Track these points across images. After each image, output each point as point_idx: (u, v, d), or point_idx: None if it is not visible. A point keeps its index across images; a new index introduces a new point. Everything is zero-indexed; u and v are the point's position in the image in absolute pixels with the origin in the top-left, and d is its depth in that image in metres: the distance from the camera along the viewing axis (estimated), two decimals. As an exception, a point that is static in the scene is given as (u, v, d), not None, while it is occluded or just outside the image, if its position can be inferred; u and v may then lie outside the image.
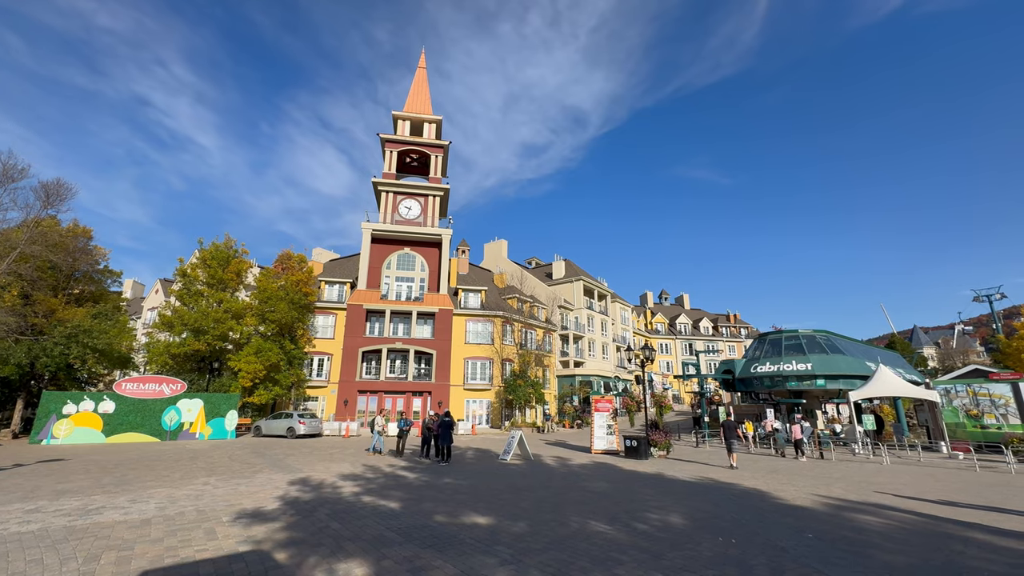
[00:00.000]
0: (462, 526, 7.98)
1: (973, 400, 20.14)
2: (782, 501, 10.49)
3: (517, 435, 18.20)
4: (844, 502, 10.39)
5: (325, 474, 13.60)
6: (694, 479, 13.59)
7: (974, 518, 8.87)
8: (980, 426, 19.76)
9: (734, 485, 12.59)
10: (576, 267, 55.96)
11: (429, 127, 42.26)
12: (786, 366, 25.70)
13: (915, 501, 10.46)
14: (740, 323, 72.54)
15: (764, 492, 11.61)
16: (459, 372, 36.22)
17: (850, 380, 24.50)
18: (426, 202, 39.92)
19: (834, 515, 9.17)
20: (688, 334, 68.04)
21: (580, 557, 6.38)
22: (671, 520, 8.58)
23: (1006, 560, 6.44)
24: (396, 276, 38.43)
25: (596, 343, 50.56)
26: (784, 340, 27.46)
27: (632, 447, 18.43)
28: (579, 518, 8.62)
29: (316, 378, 34.21)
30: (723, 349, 66.92)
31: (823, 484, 12.72)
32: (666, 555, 6.51)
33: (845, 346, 27.09)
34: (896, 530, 8.01)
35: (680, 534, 7.63)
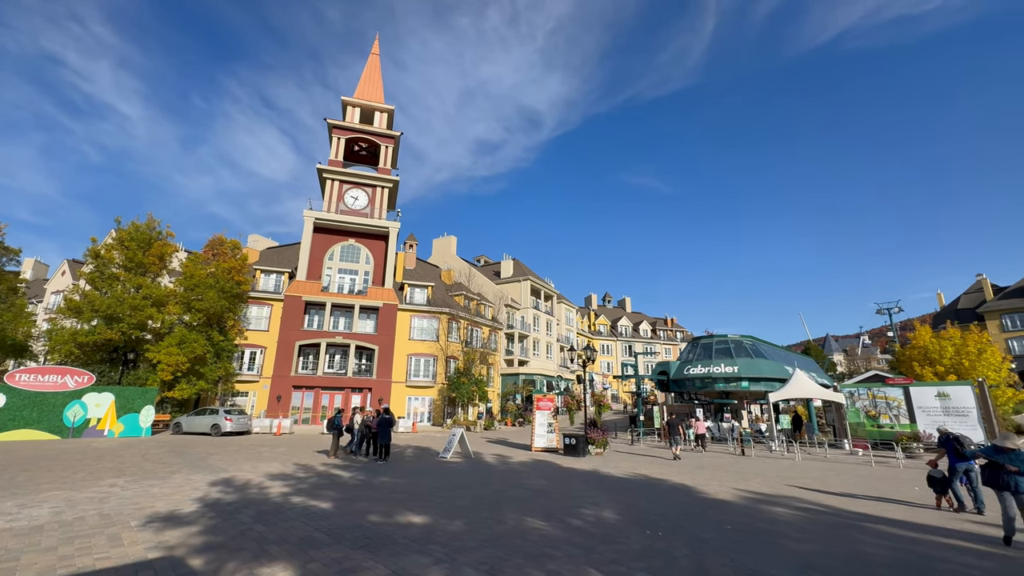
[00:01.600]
0: (397, 526, 7.82)
1: (872, 402, 22.42)
2: (706, 495, 11.14)
3: (458, 433, 18.11)
4: (760, 495, 11.20)
5: (252, 474, 12.85)
6: (628, 475, 14.13)
7: (868, 509, 9.85)
8: (877, 425, 22.03)
9: (663, 481, 13.22)
10: (524, 267, 56.50)
11: (380, 116, 41.02)
12: (715, 368, 27.34)
13: (820, 494, 11.47)
14: (676, 327, 76.30)
15: (690, 487, 12.27)
16: (402, 368, 35.48)
17: (771, 383, 26.46)
18: (374, 193, 38.72)
19: (751, 507, 9.86)
20: (628, 336, 70.66)
21: (515, 554, 6.44)
22: (604, 515, 8.87)
23: (892, 544, 7.21)
24: (339, 268, 37.00)
25: (541, 343, 51.31)
26: (715, 344, 29.19)
27: (571, 445, 18.87)
28: (516, 515, 8.70)
29: (247, 372, 32.25)
30: (660, 351, 70.09)
31: (743, 479, 13.64)
32: (597, 549, 6.71)
33: (768, 351, 29.22)
34: (804, 521, 8.75)
35: (612, 529, 7.90)
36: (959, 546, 7.20)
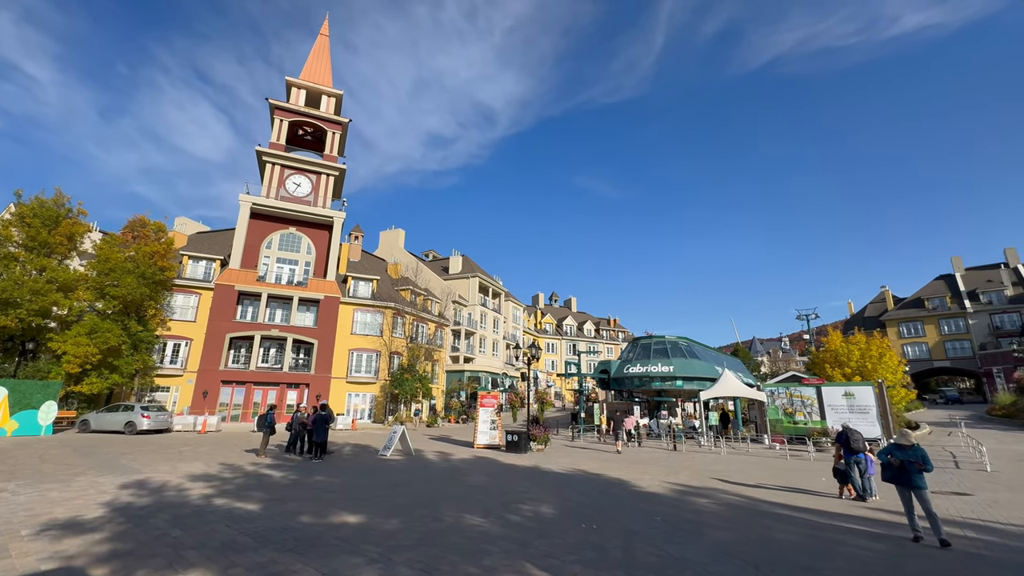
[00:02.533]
0: (329, 526, 7.55)
1: (789, 400, 24.34)
2: (639, 489, 11.64)
3: (399, 430, 17.76)
4: (688, 488, 11.85)
5: (171, 475, 11.93)
6: (567, 471, 14.47)
7: (781, 498, 10.69)
8: (793, 422, 23.95)
9: (600, 475, 13.66)
10: (473, 264, 56.31)
11: (328, 100, 39.28)
12: (653, 368, 28.59)
13: (741, 485, 12.31)
14: (619, 327, 79.02)
15: (625, 481, 12.76)
16: (342, 364, 34.26)
17: (702, 382, 28.05)
18: (318, 180, 37.04)
19: (679, 499, 10.41)
20: (573, 335, 72.33)
21: (451, 551, 6.41)
22: (542, 510, 9.03)
23: (800, 530, 7.87)
24: (278, 257, 35.10)
25: (487, 340, 51.38)
26: (653, 345, 30.52)
27: (513, 442, 19.05)
28: (454, 512, 8.67)
29: (169, 365, 29.86)
30: (602, 350, 72.31)
31: (673, 473, 14.37)
32: (533, 544, 6.83)
33: (701, 352, 30.95)
34: (726, 510, 9.35)
35: (549, 523, 8.06)
36: (857, 530, 7.99)
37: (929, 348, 54.06)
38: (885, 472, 7.81)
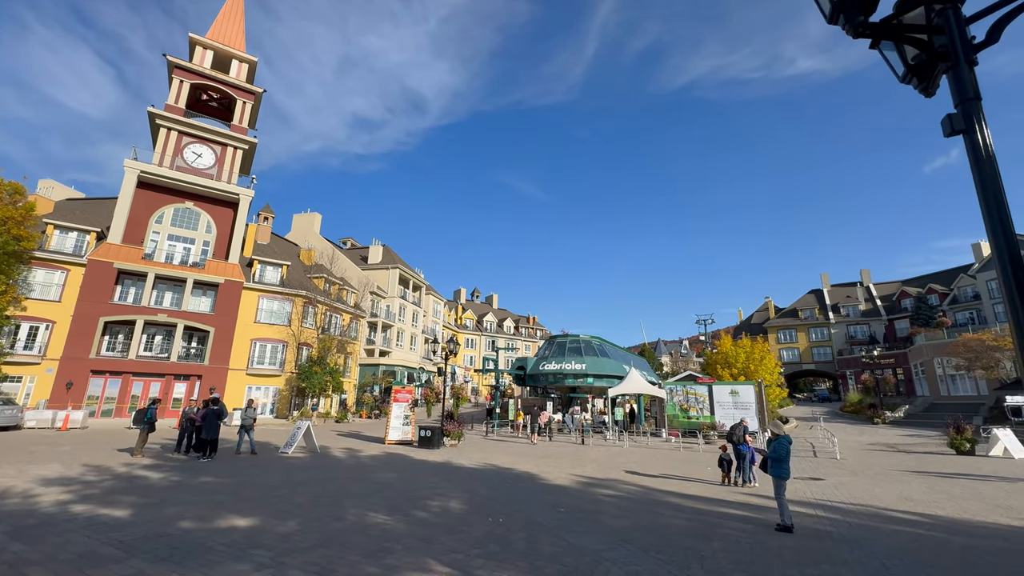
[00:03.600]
0: (215, 531, 6.92)
1: (685, 397, 26.63)
2: (547, 482, 12.05)
3: (304, 426, 16.76)
4: (592, 480, 12.49)
5: (15, 479, 10.21)
6: (478, 466, 14.58)
7: (673, 487, 11.65)
8: (687, 417, 26.23)
9: (511, 470, 13.94)
10: (394, 254, 54.64)
11: (239, 66, 35.83)
12: (567, 365, 29.75)
13: (640, 476, 13.22)
14: (538, 325, 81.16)
15: (534, 475, 13.14)
16: (243, 354, 31.55)
17: (611, 379, 29.72)
18: (223, 152, 33.68)
19: (583, 491, 10.93)
20: (493, 331, 73.01)
21: (351, 551, 6.17)
22: (450, 505, 9.01)
23: (687, 516, 8.63)
24: (170, 234, 31.40)
25: (405, 333, 50.17)
26: (568, 343, 31.74)
27: (426, 437, 18.81)
28: (358, 511, 8.36)
29: (24, 352, 25.50)
30: (521, 348, 73.82)
31: (580, 465, 15.06)
32: (439, 539, 6.79)
33: (611, 351, 32.75)
34: (623, 500, 9.98)
35: (457, 518, 8.06)
36: (734, 514, 8.93)
37: (800, 353, 61.91)
38: (763, 462, 8.82)
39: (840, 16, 3.00)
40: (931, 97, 3.33)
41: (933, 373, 41.08)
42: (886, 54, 3.53)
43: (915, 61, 3.25)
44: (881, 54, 3.56)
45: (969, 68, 2.79)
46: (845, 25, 2.99)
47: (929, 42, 3.05)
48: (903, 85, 3.53)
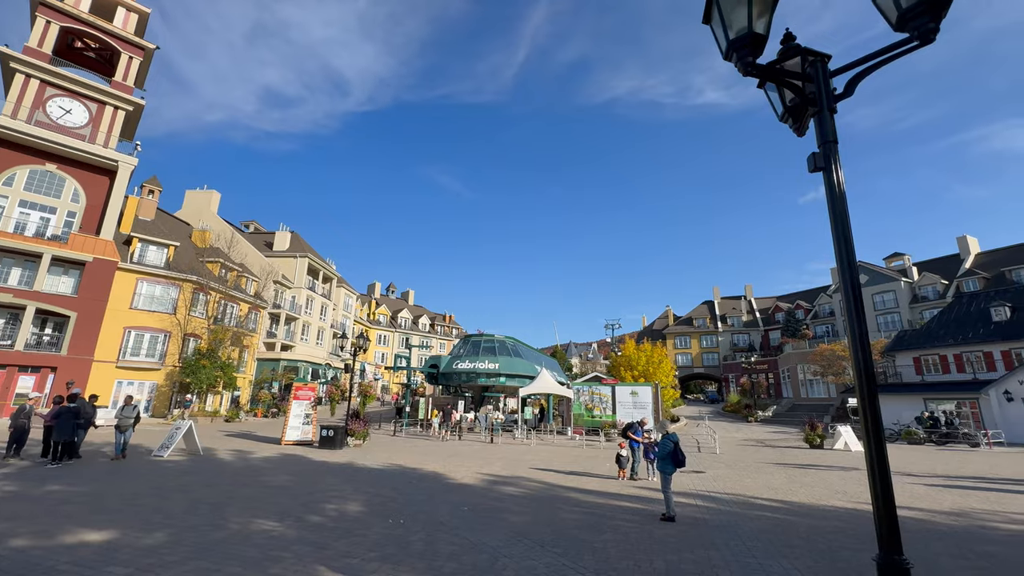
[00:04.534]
0: (58, 548, 5.95)
1: (591, 398, 28.04)
2: (452, 481, 11.98)
3: (185, 426, 15.05)
4: (498, 477, 12.65)
5: None
6: (383, 466, 14.11)
7: (574, 482, 12.17)
8: (591, 416, 27.62)
9: (417, 469, 13.67)
10: (304, 242, 51.17)
11: (126, 15, 31.33)
12: (480, 364, 29.89)
13: (544, 472, 13.64)
14: (453, 324, 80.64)
15: (440, 474, 13.01)
16: (113, 344, 27.57)
17: (523, 379, 30.38)
18: (100, 111, 29.22)
19: (488, 489, 11.03)
20: (407, 328, 71.24)
21: (231, 562, 5.64)
22: (348, 508, 8.60)
23: (583, 510, 9.06)
24: (23, 199, 26.55)
25: (312, 327, 47.17)
26: (483, 342, 31.92)
27: (327, 437, 17.82)
28: (243, 518, 7.67)
29: None
30: (436, 346, 72.84)
31: (487, 464, 15.19)
32: (332, 545, 6.45)
33: (524, 352, 33.49)
34: (526, 497, 10.23)
35: (354, 521, 7.72)
36: (625, 506, 9.53)
37: (692, 357, 68.02)
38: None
39: (734, 54, 3.32)
40: (802, 136, 3.82)
41: (796, 378, 47.26)
42: (769, 94, 3.99)
43: (791, 103, 3.70)
44: (766, 94, 4.01)
45: (830, 114, 3.23)
46: (737, 62, 3.31)
47: (802, 88, 3.49)
48: (782, 124, 4.01)
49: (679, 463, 8.66)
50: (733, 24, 3.27)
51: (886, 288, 50.38)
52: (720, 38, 3.39)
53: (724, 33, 3.34)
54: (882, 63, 3.10)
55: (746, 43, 3.22)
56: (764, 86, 3.97)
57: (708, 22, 3.46)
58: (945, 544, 7.21)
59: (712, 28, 3.45)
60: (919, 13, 2.90)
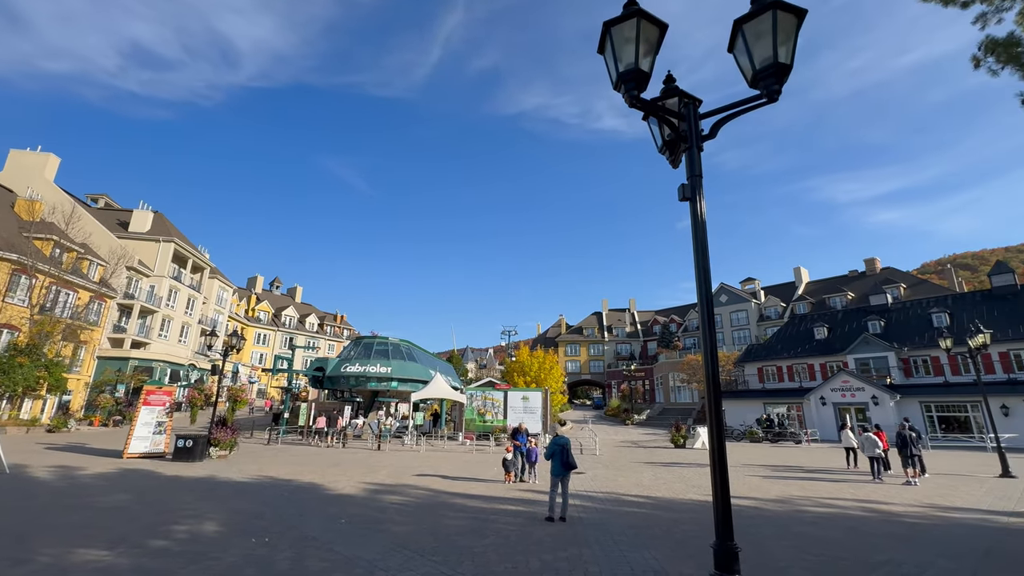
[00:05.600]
0: None
1: (484, 403, 28.31)
2: (332, 492, 11.23)
3: (-15, 438, 12.18)
4: (383, 486, 12.14)
5: None
6: (251, 479, 12.76)
7: (461, 488, 12.13)
8: (483, 421, 27.88)
9: (291, 481, 12.59)
10: (170, 226, 44.78)
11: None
12: (372, 368, 28.59)
13: (432, 478, 13.39)
14: (345, 324, 76.24)
15: (319, 485, 12.12)
16: None
17: (416, 384, 29.68)
18: None
19: (371, 499, 10.53)
20: (292, 327, 65.78)
21: (35, 603, 4.65)
22: (204, 529, 7.62)
23: (468, 515, 9.05)
24: None
25: (174, 322, 41.31)
26: (375, 345, 30.61)
27: (184, 448, 15.67)
28: (59, 548, 6.39)
29: None
30: (323, 347, 68.19)
31: (372, 472, 14.51)
32: (177, 572, 5.64)
33: (419, 356, 32.79)
34: (410, 505, 9.95)
35: (209, 543, 6.84)
36: (509, 509, 9.72)
37: (581, 365, 72.20)
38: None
39: (622, 86, 3.61)
40: (676, 168, 4.26)
41: (668, 384, 52.47)
42: (652, 127, 4.41)
43: (669, 137, 4.12)
44: (649, 126, 4.42)
45: (698, 152, 3.65)
46: (625, 94, 3.60)
47: (677, 126, 3.90)
48: (660, 155, 4.45)
49: (568, 466, 9.08)
50: (622, 58, 3.56)
51: (740, 308, 58.39)
52: (611, 69, 3.67)
53: (615, 65, 3.63)
54: (738, 113, 3.60)
55: (632, 77, 3.52)
56: (648, 119, 4.38)
57: (602, 52, 3.72)
58: (771, 527, 8.48)
59: (605, 59, 3.72)
60: (767, 75, 3.41)
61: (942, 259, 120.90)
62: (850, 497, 11.56)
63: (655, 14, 3.52)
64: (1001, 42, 6.68)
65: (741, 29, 3.47)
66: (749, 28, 3.42)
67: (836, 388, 32.77)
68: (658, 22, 3.53)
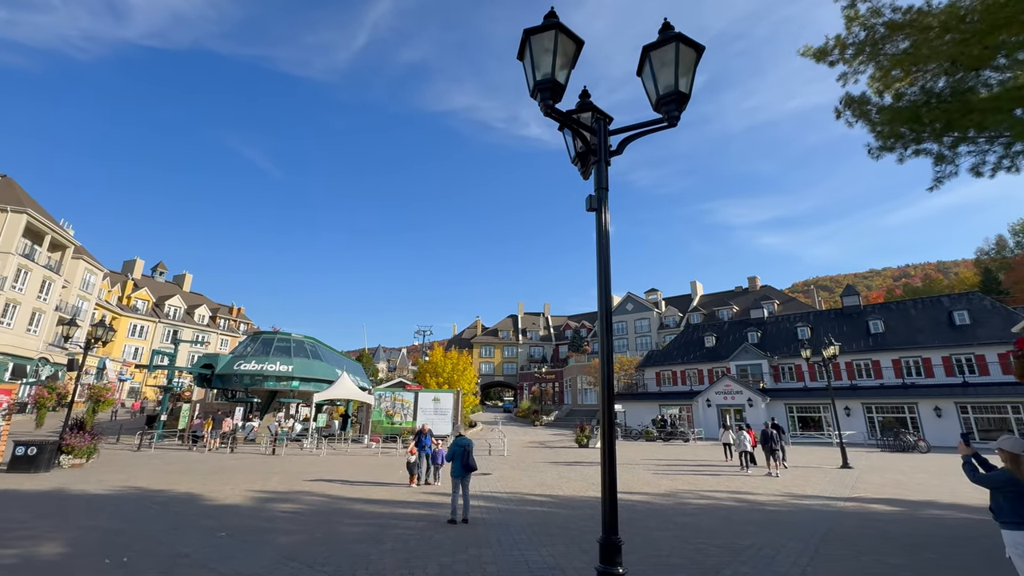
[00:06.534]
0: None
1: (393, 404, 27.44)
2: (213, 502, 10.17)
3: None
4: (274, 494, 11.24)
5: None
6: (113, 491, 11.15)
7: (361, 493, 11.60)
8: (391, 423, 27.01)
9: (164, 492, 11.21)
10: (22, 192, 37.84)
11: None
12: (270, 366, 26.41)
13: (329, 484, 12.65)
14: (243, 318, 69.78)
15: (198, 495, 10.92)
16: None
17: (321, 384, 27.93)
18: None
19: (259, 508, 9.69)
20: (179, 319, 58.79)
21: None
22: (41, 551, 6.49)
23: (366, 521, 8.68)
24: None
25: (21, 307, 34.92)
26: (276, 341, 28.34)
27: (25, 456, 13.27)
28: None
29: None
30: (215, 343, 61.84)
31: (263, 479, 13.37)
32: (1, 604, 4.74)
33: (325, 354, 30.93)
34: (303, 513, 9.32)
35: (45, 567, 5.84)
36: (412, 513, 9.48)
37: (495, 366, 72.94)
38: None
39: (538, 94, 3.69)
40: (587, 180, 4.44)
41: (576, 387, 54.77)
42: (567, 138, 4.57)
43: (581, 150, 4.30)
44: (564, 138, 4.58)
45: (605, 166, 3.84)
46: (540, 102, 3.69)
47: (589, 140, 4.07)
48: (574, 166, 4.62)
49: (468, 467, 9.06)
50: (540, 67, 3.65)
51: (644, 316, 62.79)
52: (529, 77, 3.74)
53: (533, 73, 3.71)
54: (642, 133, 3.85)
55: (548, 87, 3.62)
56: (563, 131, 4.54)
57: (521, 59, 3.79)
58: (658, 519, 9.17)
59: (524, 66, 3.79)
60: (669, 102, 3.69)
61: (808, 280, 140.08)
62: (725, 489, 12.88)
63: (575, 31, 3.67)
64: (856, 99, 7.85)
65: (649, 56, 3.72)
66: (656, 56, 3.69)
67: (720, 391, 36.43)
68: (575, 38, 3.67)
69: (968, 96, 5.46)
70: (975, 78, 5.56)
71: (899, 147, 6.78)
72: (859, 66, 7.85)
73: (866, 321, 37.53)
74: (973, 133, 5.41)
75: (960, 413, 28.47)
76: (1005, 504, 4.35)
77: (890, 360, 34.31)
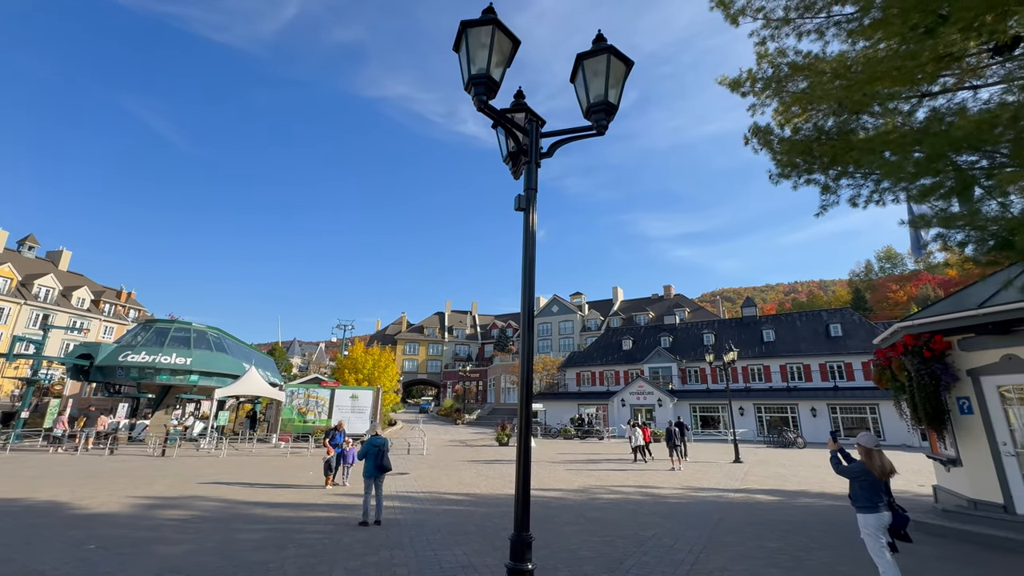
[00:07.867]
0: None
1: (306, 401, 25.92)
2: (83, 511, 8.93)
3: None
4: (160, 500, 10.12)
5: None
6: (-53, 501, 9.40)
7: (264, 496, 10.80)
8: (304, 421, 25.49)
9: (20, 500, 9.66)
10: None
11: None
12: (164, 358, 23.78)
13: (227, 488, 11.63)
14: (133, 303, 62.24)
15: (64, 503, 9.54)
16: None
17: (224, 378, 25.62)
18: None
19: (141, 516, 8.68)
20: (52, 302, 51.09)
21: None
22: None
23: (268, 526, 8.08)
24: None
25: None
26: (173, 331, 25.61)
27: None
28: None
29: None
30: (97, 330, 54.58)
31: (147, 484, 12.00)
32: None
33: (232, 346, 28.46)
34: (195, 520, 8.48)
35: None
36: (321, 516, 8.99)
37: (419, 364, 71.59)
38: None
39: (472, 88, 3.65)
40: (517, 180, 4.46)
41: (500, 386, 55.25)
42: (500, 137, 4.56)
43: (513, 149, 4.31)
44: (497, 136, 4.57)
45: (535, 167, 3.88)
46: (474, 97, 3.65)
47: (521, 140, 4.10)
48: (505, 165, 4.63)
49: (382, 468, 8.76)
50: (475, 61, 3.60)
51: (568, 318, 64.91)
52: (464, 70, 3.69)
53: (468, 67, 3.65)
54: (572, 139, 3.94)
55: (482, 82, 3.59)
56: (497, 129, 4.53)
57: (457, 51, 3.72)
58: (570, 514, 9.49)
59: (460, 58, 3.73)
60: (598, 111, 3.81)
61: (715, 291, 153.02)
62: (633, 484, 13.65)
63: (516, 33, 3.67)
64: (762, 129, 8.68)
65: (582, 64, 3.83)
66: (588, 65, 3.80)
67: (633, 392, 38.63)
68: (512, 36, 3.67)
69: (850, 136, 6.26)
70: (856, 121, 6.39)
71: (794, 175, 7.58)
72: (766, 99, 8.68)
73: (761, 330, 41.73)
74: (852, 168, 6.19)
75: (831, 413, 32.64)
76: (860, 492, 5.03)
77: (779, 365, 38.43)
